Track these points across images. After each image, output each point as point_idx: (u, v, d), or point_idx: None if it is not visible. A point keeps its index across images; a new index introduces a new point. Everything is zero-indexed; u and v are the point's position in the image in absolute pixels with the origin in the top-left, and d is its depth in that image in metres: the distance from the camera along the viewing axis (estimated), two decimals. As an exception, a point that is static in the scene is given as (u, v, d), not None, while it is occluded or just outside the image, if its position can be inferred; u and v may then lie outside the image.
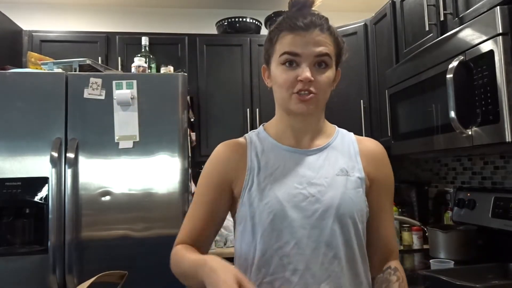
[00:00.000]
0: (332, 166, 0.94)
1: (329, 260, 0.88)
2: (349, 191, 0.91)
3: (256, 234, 0.90)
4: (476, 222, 1.81)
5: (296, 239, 0.88)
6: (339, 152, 0.97)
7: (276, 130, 1.00)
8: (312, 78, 0.88)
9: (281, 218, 0.89)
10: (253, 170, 0.94)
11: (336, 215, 0.89)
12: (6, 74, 1.97)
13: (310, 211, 0.89)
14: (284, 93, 0.91)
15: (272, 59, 0.95)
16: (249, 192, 0.92)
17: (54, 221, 1.87)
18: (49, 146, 1.91)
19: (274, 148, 0.97)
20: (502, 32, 1.28)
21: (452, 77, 1.45)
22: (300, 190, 0.90)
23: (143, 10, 3.03)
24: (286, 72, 0.90)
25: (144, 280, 1.92)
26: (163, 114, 2.02)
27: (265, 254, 0.89)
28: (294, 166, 0.94)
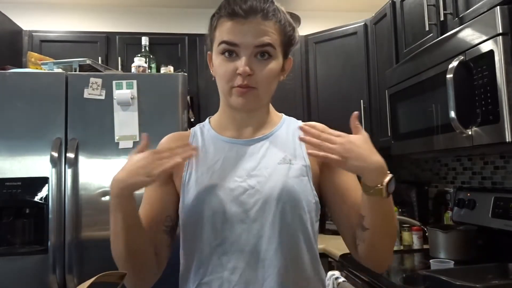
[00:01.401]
0: (274, 156, 0.89)
1: (272, 256, 0.82)
2: (291, 180, 0.85)
3: (196, 231, 0.85)
4: (476, 222, 1.81)
5: (235, 236, 0.82)
6: (282, 140, 0.92)
7: (218, 122, 0.96)
8: (250, 71, 0.82)
9: (220, 214, 0.83)
10: (191, 164, 0.89)
11: (277, 206, 0.83)
12: (6, 74, 1.97)
13: (249, 204, 0.83)
14: (224, 86, 0.86)
15: (214, 47, 0.89)
16: (187, 188, 0.87)
17: (54, 221, 1.87)
18: (49, 146, 1.91)
19: (215, 140, 0.93)
20: (502, 32, 1.28)
21: (452, 77, 1.45)
22: (239, 183, 0.85)
23: (143, 10, 3.03)
24: (225, 63, 0.84)
25: (144, 280, 1.92)
26: (163, 114, 2.02)
27: (203, 253, 0.84)
28: (235, 158, 0.89)
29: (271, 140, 0.91)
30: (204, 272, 0.84)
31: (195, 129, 0.98)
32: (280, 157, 0.88)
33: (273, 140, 0.92)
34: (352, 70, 2.50)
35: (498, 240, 1.75)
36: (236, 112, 0.91)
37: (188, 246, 0.88)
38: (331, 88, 2.60)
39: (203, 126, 0.98)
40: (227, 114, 0.94)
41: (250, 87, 0.84)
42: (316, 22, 2.99)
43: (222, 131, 0.94)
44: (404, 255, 2.02)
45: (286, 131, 0.94)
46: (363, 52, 2.47)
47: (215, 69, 0.89)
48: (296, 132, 0.92)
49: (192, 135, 0.96)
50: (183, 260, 0.90)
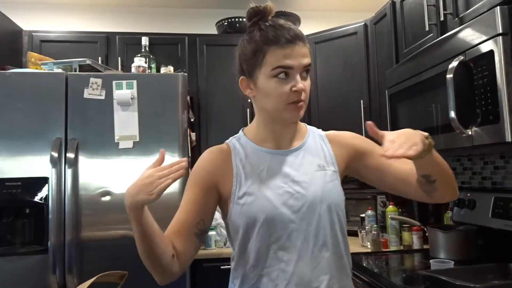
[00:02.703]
0: (310, 163, 1.03)
1: (319, 248, 0.98)
2: (328, 184, 1.02)
3: (251, 233, 0.98)
4: (476, 222, 1.81)
5: (287, 233, 0.97)
6: (313, 149, 1.07)
7: (256, 135, 1.07)
8: (303, 86, 0.96)
9: (273, 215, 0.96)
10: (240, 175, 1.01)
11: (321, 207, 0.99)
12: (6, 74, 1.97)
13: (296, 206, 0.98)
14: (279, 104, 0.97)
15: (259, 72, 0.98)
16: (239, 195, 0.99)
17: (54, 221, 1.87)
18: (49, 146, 1.91)
19: (256, 152, 1.04)
20: (502, 32, 1.28)
21: (452, 77, 1.45)
22: (285, 189, 0.99)
23: (143, 10, 3.03)
24: (281, 84, 0.96)
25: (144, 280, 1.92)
26: (163, 114, 2.02)
27: (261, 250, 0.97)
28: (277, 166, 1.02)
29: (304, 149, 1.06)
30: (263, 265, 0.97)
31: (233, 143, 1.08)
32: (315, 165, 1.04)
33: (306, 149, 1.06)
34: (352, 70, 2.50)
35: (498, 240, 1.75)
36: (279, 126, 1.04)
37: (244, 245, 0.99)
38: (331, 88, 2.60)
39: (238, 138, 1.09)
40: (268, 128, 1.05)
41: (302, 100, 0.97)
42: (316, 22, 3.00)
43: (261, 143, 1.06)
44: (404, 255, 2.02)
45: (314, 140, 1.09)
46: (363, 52, 2.47)
47: (264, 90, 0.98)
48: (320, 140, 1.10)
49: (232, 149, 1.06)
50: (237, 257, 1.02)
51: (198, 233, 1.01)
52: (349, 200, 2.52)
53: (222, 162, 1.04)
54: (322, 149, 1.08)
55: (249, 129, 1.11)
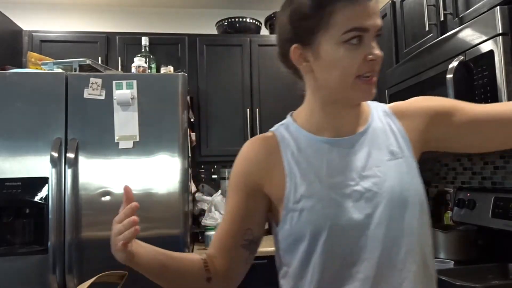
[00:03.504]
0: (380, 151, 0.80)
1: (403, 259, 0.75)
2: (406, 176, 0.79)
3: (314, 246, 0.76)
4: (476, 222, 1.81)
5: (361, 243, 0.75)
6: (381, 132, 0.83)
7: (309, 121, 0.85)
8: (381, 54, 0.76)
9: (342, 223, 0.75)
10: (294, 173, 0.80)
11: (401, 207, 0.76)
12: (6, 74, 1.97)
13: (370, 208, 0.76)
14: (347, 78, 0.76)
15: (323, 36, 0.75)
16: (296, 199, 0.78)
17: (54, 221, 1.87)
18: (49, 146, 1.91)
19: (312, 143, 0.82)
20: (502, 32, 1.28)
21: (452, 77, 1.45)
22: (353, 187, 0.77)
23: (143, 10, 3.03)
24: (353, 52, 0.74)
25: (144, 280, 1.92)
26: (163, 114, 2.02)
27: (328, 267, 0.76)
28: (340, 159, 0.80)
29: (371, 134, 0.82)
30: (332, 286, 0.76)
31: (280, 132, 0.87)
32: (386, 152, 0.81)
33: (373, 134, 0.83)
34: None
35: (498, 240, 1.75)
36: (340, 108, 0.82)
37: (306, 262, 0.78)
38: (331, 88, 2.60)
39: (287, 126, 0.88)
40: (326, 111, 0.83)
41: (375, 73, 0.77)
42: (316, 22, 2.99)
43: (316, 131, 0.83)
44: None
45: (380, 121, 0.85)
46: (363, 52, 2.47)
47: (330, 61, 0.76)
48: (387, 118, 0.86)
49: (279, 139, 0.85)
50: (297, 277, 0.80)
51: (246, 244, 0.84)
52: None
53: (268, 157, 0.83)
54: (391, 130, 0.83)
55: (299, 113, 0.88)
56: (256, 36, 2.74)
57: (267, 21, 2.85)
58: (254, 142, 0.87)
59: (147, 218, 1.95)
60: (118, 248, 0.75)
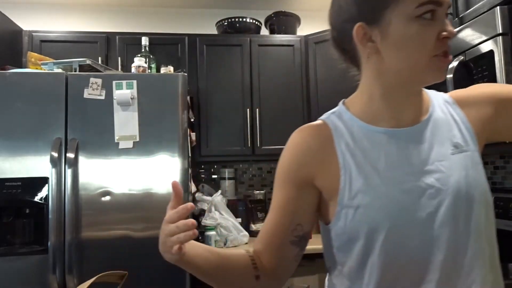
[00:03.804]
0: (442, 144, 0.74)
1: (470, 263, 0.69)
2: (472, 172, 0.72)
3: (371, 246, 0.71)
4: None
5: (424, 245, 0.69)
6: (443, 122, 0.76)
7: (364, 110, 0.78)
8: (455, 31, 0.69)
9: (402, 222, 0.70)
10: (349, 166, 0.74)
11: (468, 206, 0.70)
12: (6, 74, 1.97)
13: (433, 207, 0.69)
14: (422, 58, 0.69)
15: (392, 12, 0.69)
16: (351, 195, 0.73)
17: (54, 221, 1.87)
18: (49, 146, 1.91)
19: (368, 134, 0.76)
20: (502, 32, 1.28)
21: (452, 77, 1.45)
22: (414, 182, 0.71)
23: (143, 10, 3.03)
24: (427, 28, 0.68)
25: (144, 280, 1.92)
26: (163, 114, 2.02)
27: (388, 270, 0.70)
28: (399, 151, 0.73)
29: (433, 124, 0.76)
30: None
31: (332, 121, 0.80)
32: (449, 145, 0.74)
33: (434, 124, 0.76)
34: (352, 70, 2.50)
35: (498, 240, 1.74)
36: (402, 95, 0.75)
37: (363, 263, 0.73)
38: (331, 88, 2.60)
39: (339, 114, 0.81)
40: (386, 99, 0.76)
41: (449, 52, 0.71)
42: (316, 22, 2.99)
43: (373, 121, 0.77)
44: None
45: (441, 110, 0.78)
46: (363, 52, 2.47)
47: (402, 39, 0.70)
48: (449, 108, 0.79)
49: (332, 128, 0.79)
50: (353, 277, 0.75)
51: (296, 240, 0.79)
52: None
53: (320, 147, 0.77)
54: (454, 121, 0.77)
55: (353, 101, 0.82)
56: (256, 36, 2.74)
57: (267, 21, 2.85)
58: (304, 131, 0.81)
59: (147, 218, 1.95)
60: (173, 251, 0.69)
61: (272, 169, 3.01)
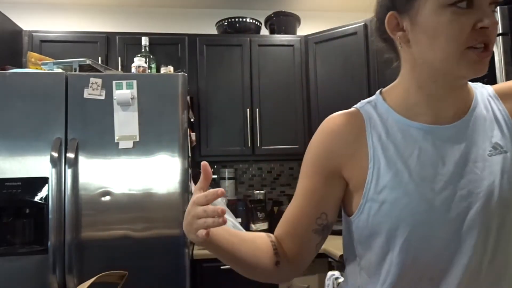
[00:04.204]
0: (481, 144, 0.70)
1: (497, 271, 0.67)
2: (509, 174, 0.68)
3: (392, 243, 0.69)
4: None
5: (449, 251, 0.66)
6: (485, 120, 0.72)
7: (402, 103, 0.75)
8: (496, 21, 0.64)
9: (428, 222, 0.67)
10: (378, 159, 0.72)
11: (500, 212, 0.66)
12: (6, 74, 1.97)
13: (463, 209, 0.66)
14: (453, 49, 0.64)
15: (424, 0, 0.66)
16: (377, 189, 0.71)
17: (54, 221, 1.87)
18: (49, 146, 1.91)
19: (403, 128, 0.73)
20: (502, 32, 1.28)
21: (452, 77, 1.45)
22: (445, 184, 0.68)
23: (143, 10, 3.03)
24: (460, 17, 0.63)
25: (144, 280, 1.92)
26: (163, 114, 2.02)
27: (406, 270, 0.69)
28: (432, 150, 0.70)
29: (473, 122, 0.72)
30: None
31: (367, 110, 0.77)
32: (488, 145, 0.70)
33: (475, 121, 0.72)
34: (352, 70, 2.50)
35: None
36: (442, 88, 0.71)
37: (382, 259, 0.71)
38: (331, 88, 2.60)
39: (374, 105, 0.78)
40: (424, 91, 0.72)
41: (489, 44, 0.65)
42: (316, 22, 3.00)
43: (410, 115, 0.73)
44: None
45: (484, 106, 0.74)
46: (363, 52, 2.47)
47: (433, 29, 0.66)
48: (493, 103, 0.74)
49: (366, 119, 0.76)
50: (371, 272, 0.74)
51: (319, 229, 0.77)
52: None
53: (352, 137, 0.75)
54: (496, 119, 0.72)
55: (391, 92, 0.78)
56: (256, 36, 2.74)
57: (267, 21, 2.85)
58: (337, 118, 0.78)
59: (147, 218, 1.95)
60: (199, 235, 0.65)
61: (272, 169, 3.01)
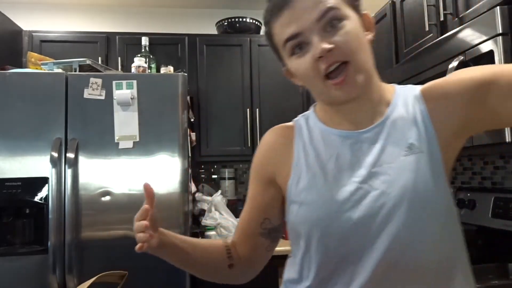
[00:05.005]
0: (396, 145, 0.73)
1: (410, 273, 0.68)
2: (423, 176, 0.69)
3: (310, 241, 0.74)
4: (476, 222, 1.81)
5: (362, 248, 0.69)
6: (403, 122, 0.75)
7: (326, 114, 0.81)
8: (329, 45, 0.68)
9: (339, 221, 0.71)
10: (300, 164, 0.78)
11: (409, 211, 0.68)
12: (6, 74, 1.97)
13: (374, 209, 0.69)
14: (316, 83, 0.72)
15: (283, 56, 0.77)
16: (297, 191, 0.77)
17: (54, 221, 1.87)
18: (49, 146, 1.91)
19: (325, 136, 0.79)
20: (502, 32, 1.28)
21: (452, 77, 1.45)
22: (360, 184, 0.71)
23: (143, 10, 3.03)
24: (301, 60, 0.72)
25: (144, 280, 1.92)
26: (163, 114, 2.02)
27: (322, 266, 0.73)
28: (349, 154, 0.75)
29: (389, 126, 0.75)
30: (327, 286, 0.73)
31: (299, 122, 0.85)
32: (404, 147, 0.72)
33: (391, 125, 0.75)
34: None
35: (498, 240, 1.75)
36: (344, 105, 0.76)
37: (304, 256, 0.76)
38: (331, 88, 2.60)
39: (307, 117, 0.85)
40: (335, 109, 0.79)
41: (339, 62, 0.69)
42: (316, 22, 2.99)
43: (333, 124, 0.79)
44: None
45: (405, 109, 0.77)
46: (363, 52, 2.47)
47: (296, 74, 0.76)
48: (415, 105, 0.76)
49: (297, 128, 0.84)
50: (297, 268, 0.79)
51: (265, 232, 0.84)
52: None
53: (283, 146, 0.82)
54: (415, 121, 0.74)
55: (320, 105, 0.84)
56: (256, 36, 2.74)
57: (267, 21, 2.85)
58: (273, 131, 0.88)
59: (147, 218, 1.95)
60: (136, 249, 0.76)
61: (272, 169, 3.01)
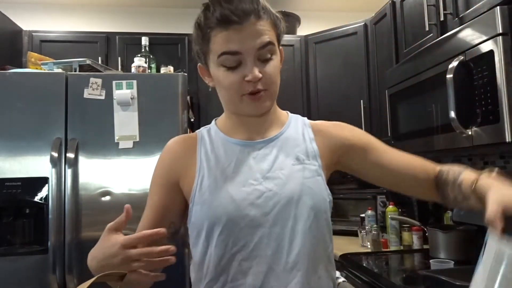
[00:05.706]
0: (287, 156, 0.87)
1: (294, 259, 0.81)
2: (308, 181, 0.85)
3: (211, 238, 0.83)
4: (476, 222, 1.81)
5: (255, 240, 0.81)
6: (293, 140, 0.91)
7: (226, 124, 0.93)
8: (260, 75, 0.80)
9: (237, 218, 0.81)
10: (203, 169, 0.87)
11: (297, 208, 0.83)
12: (6, 74, 1.97)
13: (268, 207, 0.82)
14: (233, 96, 0.84)
15: (210, 59, 0.85)
16: (200, 193, 0.85)
17: (54, 221, 1.87)
18: (49, 146, 1.91)
19: (225, 143, 0.90)
20: (502, 32, 1.28)
21: (452, 77, 1.45)
22: (255, 186, 0.83)
23: (143, 10, 3.03)
24: (230, 74, 0.81)
25: (144, 280, 1.92)
26: (163, 114, 2.02)
27: (222, 260, 0.82)
28: (247, 160, 0.87)
29: (282, 140, 0.90)
30: (225, 279, 0.82)
31: (201, 132, 0.95)
32: (293, 158, 0.88)
33: (284, 140, 0.90)
34: (352, 70, 2.50)
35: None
36: (246, 118, 0.89)
37: (204, 254, 0.85)
38: (331, 88, 2.60)
39: (209, 128, 0.95)
40: (234, 120, 0.91)
41: (263, 90, 0.82)
42: (316, 22, 2.99)
43: (231, 134, 0.91)
44: (404, 255, 2.01)
45: (295, 130, 0.93)
46: (363, 52, 2.47)
47: (217, 80, 0.85)
48: (304, 130, 0.93)
49: (199, 138, 0.93)
50: (197, 269, 0.87)
51: (169, 237, 0.87)
52: (348, 200, 2.54)
53: (185, 154, 0.90)
54: (303, 140, 0.91)
55: (221, 118, 0.97)
56: (256, 36, 2.73)
57: (267, 21, 2.84)
58: (175, 140, 0.95)
59: (147, 218, 1.95)
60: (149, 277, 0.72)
61: (272, 169, 3.01)
